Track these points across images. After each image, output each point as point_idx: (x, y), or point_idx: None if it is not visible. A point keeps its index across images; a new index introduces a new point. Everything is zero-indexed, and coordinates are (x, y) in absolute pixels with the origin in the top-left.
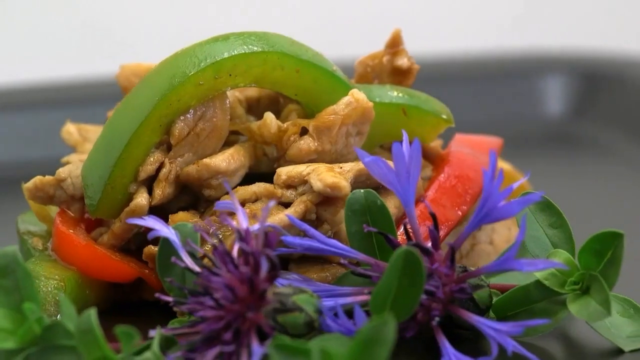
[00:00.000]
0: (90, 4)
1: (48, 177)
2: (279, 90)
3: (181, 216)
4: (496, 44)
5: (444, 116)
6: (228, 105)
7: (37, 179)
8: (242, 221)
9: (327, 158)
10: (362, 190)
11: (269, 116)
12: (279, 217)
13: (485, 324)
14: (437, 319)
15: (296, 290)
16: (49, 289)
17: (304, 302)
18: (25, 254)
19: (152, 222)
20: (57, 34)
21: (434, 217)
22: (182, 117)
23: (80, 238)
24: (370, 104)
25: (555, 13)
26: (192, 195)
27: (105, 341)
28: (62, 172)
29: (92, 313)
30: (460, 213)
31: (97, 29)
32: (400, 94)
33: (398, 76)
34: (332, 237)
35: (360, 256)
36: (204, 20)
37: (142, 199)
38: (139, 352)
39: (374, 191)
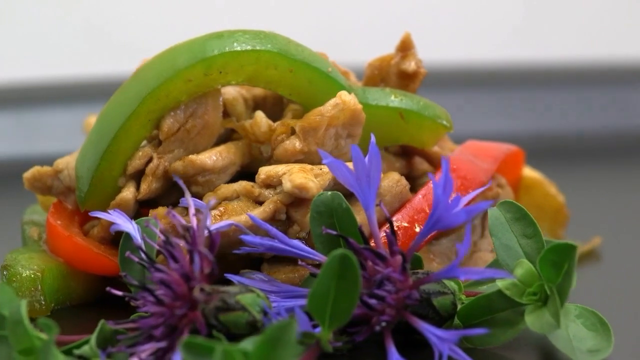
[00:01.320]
0: (90, 6)
1: (46, 168)
2: (274, 90)
3: (161, 211)
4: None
5: (444, 122)
6: (221, 103)
7: (36, 169)
8: (192, 219)
9: (315, 159)
10: (328, 193)
11: (259, 115)
12: (243, 217)
13: (428, 330)
14: (383, 323)
15: (242, 290)
16: (24, 280)
17: (248, 302)
18: (24, 243)
19: (114, 216)
20: (60, 36)
21: (390, 222)
22: (171, 113)
23: (64, 230)
24: (359, 106)
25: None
26: (181, 191)
27: (34, 332)
28: (59, 163)
29: (22, 304)
30: None
31: (97, 31)
32: (399, 98)
33: (404, 80)
34: (305, 238)
35: (321, 258)
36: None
37: (128, 192)
38: (79, 346)
39: (339, 193)
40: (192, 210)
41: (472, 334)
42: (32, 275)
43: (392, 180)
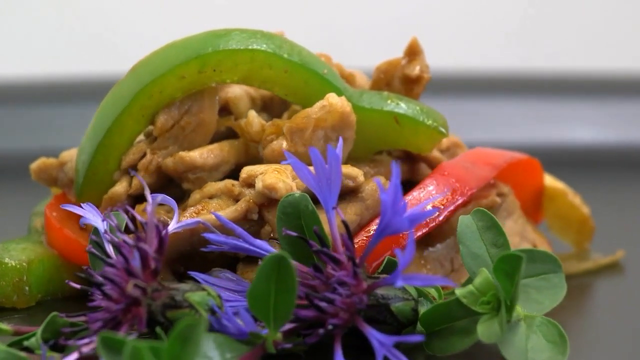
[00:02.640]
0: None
1: (52, 160)
2: (270, 90)
3: (140, 207)
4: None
5: (441, 128)
6: (217, 101)
7: (42, 160)
8: (150, 216)
9: (305, 160)
10: (296, 194)
11: (251, 114)
12: (211, 215)
13: (371, 334)
14: (330, 326)
15: (194, 288)
16: (8, 270)
17: (196, 300)
18: (28, 233)
19: (83, 210)
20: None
21: (346, 226)
22: (166, 109)
23: (57, 222)
24: (348, 108)
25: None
26: (181, 187)
27: None
28: (65, 155)
29: None
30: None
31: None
32: (394, 102)
33: (408, 84)
34: (277, 239)
35: None
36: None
37: (120, 187)
38: (29, 337)
39: (307, 195)
40: (149, 208)
41: (409, 341)
42: (18, 266)
43: (376, 185)
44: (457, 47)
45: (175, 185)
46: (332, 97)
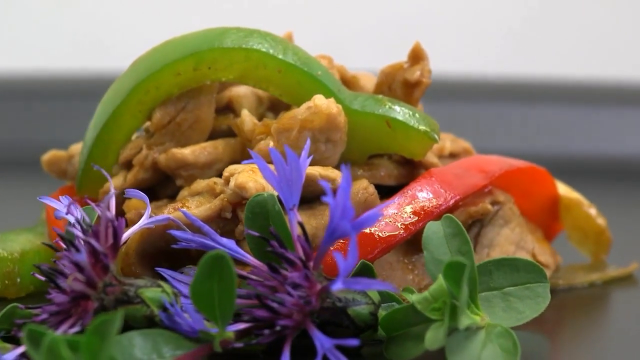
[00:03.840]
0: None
1: (62, 152)
2: (265, 89)
3: (134, 202)
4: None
5: (433, 134)
6: (214, 98)
7: (52, 152)
8: (103, 210)
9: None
10: (265, 194)
11: (244, 113)
12: (179, 212)
13: (315, 335)
14: (277, 327)
15: (149, 284)
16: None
17: (149, 296)
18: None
19: (57, 203)
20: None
21: (302, 227)
22: (162, 106)
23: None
24: (334, 110)
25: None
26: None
27: None
28: (73, 148)
29: None
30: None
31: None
32: (386, 106)
33: (408, 88)
34: None
35: (248, 259)
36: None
37: (115, 181)
38: None
39: (274, 195)
40: (106, 202)
41: (347, 345)
42: (9, 257)
43: (359, 188)
44: (469, 50)
45: (172, 181)
46: (318, 99)
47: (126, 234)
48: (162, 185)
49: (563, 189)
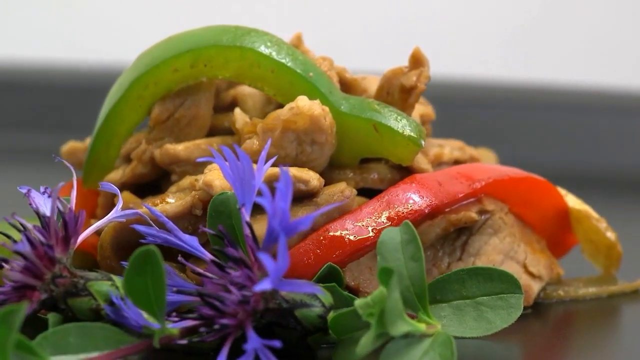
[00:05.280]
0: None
1: (79, 143)
2: (260, 89)
3: (125, 196)
4: None
5: (419, 140)
6: (213, 95)
7: (71, 143)
8: (52, 203)
9: (281, 162)
10: (229, 193)
11: (236, 111)
12: (143, 208)
13: (250, 336)
14: (216, 326)
15: (99, 277)
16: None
17: (96, 289)
18: None
19: (35, 194)
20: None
21: (250, 226)
22: (161, 101)
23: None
24: (316, 112)
25: None
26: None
27: None
28: (89, 140)
29: None
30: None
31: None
32: (375, 110)
33: (404, 93)
34: None
35: (206, 255)
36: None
37: (115, 174)
38: None
39: (235, 195)
40: (53, 196)
41: (270, 345)
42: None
43: (335, 190)
44: (471, 52)
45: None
46: (300, 100)
47: (93, 227)
48: (165, 180)
49: (573, 201)
